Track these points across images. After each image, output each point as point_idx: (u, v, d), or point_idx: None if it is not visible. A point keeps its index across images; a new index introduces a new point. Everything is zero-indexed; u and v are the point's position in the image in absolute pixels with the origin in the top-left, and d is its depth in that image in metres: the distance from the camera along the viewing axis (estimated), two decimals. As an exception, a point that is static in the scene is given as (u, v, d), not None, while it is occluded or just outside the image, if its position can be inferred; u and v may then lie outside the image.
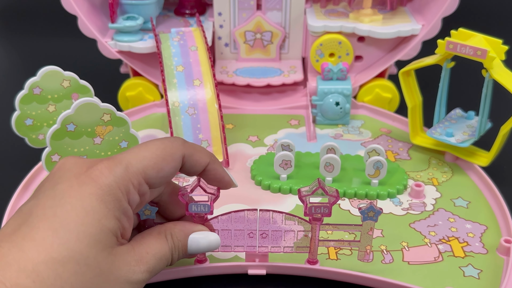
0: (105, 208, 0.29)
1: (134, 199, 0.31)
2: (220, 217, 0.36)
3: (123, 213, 0.31)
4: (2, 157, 0.55)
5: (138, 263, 0.31)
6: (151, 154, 0.32)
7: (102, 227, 0.29)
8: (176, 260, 0.34)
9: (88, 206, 0.29)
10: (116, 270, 0.30)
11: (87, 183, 0.30)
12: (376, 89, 0.59)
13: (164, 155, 0.32)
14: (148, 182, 0.32)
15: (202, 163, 0.34)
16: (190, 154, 0.34)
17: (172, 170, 0.33)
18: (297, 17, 0.61)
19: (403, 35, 0.56)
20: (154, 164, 0.32)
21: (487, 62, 0.45)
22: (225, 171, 0.36)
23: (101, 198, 0.29)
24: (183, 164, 0.34)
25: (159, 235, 0.33)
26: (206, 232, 0.35)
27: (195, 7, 0.64)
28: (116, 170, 0.30)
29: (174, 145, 0.33)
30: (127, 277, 0.30)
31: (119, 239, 0.31)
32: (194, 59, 0.53)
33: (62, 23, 0.65)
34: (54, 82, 0.45)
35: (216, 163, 0.35)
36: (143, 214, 0.36)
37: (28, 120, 0.46)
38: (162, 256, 0.33)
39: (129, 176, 0.31)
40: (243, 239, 0.37)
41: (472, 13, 0.75)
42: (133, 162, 0.31)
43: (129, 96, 0.60)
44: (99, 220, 0.29)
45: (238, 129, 0.57)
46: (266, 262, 0.39)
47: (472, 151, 0.51)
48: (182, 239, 0.34)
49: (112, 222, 0.30)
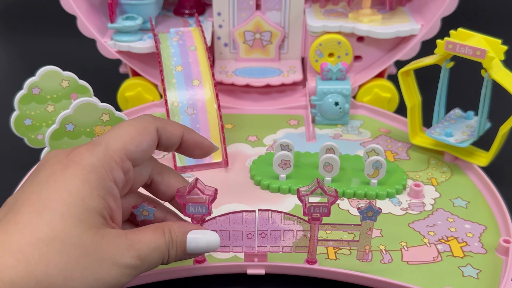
0: (88, 187, 0.30)
1: (119, 176, 0.32)
2: (218, 218, 0.36)
3: (108, 191, 0.31)
4: (1, 157, 0.55)
5: (128, 248, 0.31)
6: (127, 131, 0.33)
7: (86, 206, 0.29)
8: (173, 258, 0.34)
9: (71, 186, 0.29)
10: (102, 251, 0.29)
11: (69, 166, 0.30)
12: (375, 89, 0.59)
13: (139, 129, 0.33)
14: (130, 158, 0.32)
15: (177, 133, 0.35)
16: (163, 126, 0.34)
17: (150, 143, 0.33)
18: (296, 17, 0.61)
19: (402, 35, 0.56)
20: (132, 139, 0.32)
21: (486, 62, 0.45)
22: (202, 137, 0.36)
23: (84, 178, 0.30)
24: (160, 138, 0.34)
25: (156, 229, 0.33)
26: (205, 231, 0.35)
27: (194, 7, 0.64)
28: (97, 150, 0.31)
29: (146, 119, 0.34)
30: (114, 259, 0.30)
31: (107, 221, 0.31)
32: (193, 59, 0.53)
33: (61, 23, 0.65)
34: (53, 82, 0.45)
35: (191, 132, 0.36)
36: (141, 214, 0.35)
37: (27, 120, 0.46)
38: (157, 248, 0.32)
39: (110, 154, 0.31)
40: (241, 240, 0.37)
41: (471, 13, 0.75)
42: (111, 141, 0.32)
43: (128, 96, 0.60)
44: (82, 199, 0.29)
45: (237, 129, 0.57)
46: (265, 262, 0.39)
47: (471, 151, 0.51)
48: (180, 235, 0.34)
49: (96, 200, 0.30)
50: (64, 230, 0.28)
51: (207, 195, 0.35)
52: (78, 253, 0.28)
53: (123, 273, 0.30)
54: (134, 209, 0.35)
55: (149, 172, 0.36)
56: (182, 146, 0.36)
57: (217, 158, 0.51)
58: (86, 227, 0.29)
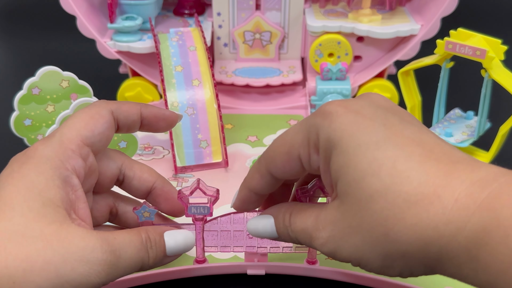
0: (43, 178, 0.29)
1: (78, 164, 0.31)
2: (220, 219, 0.36)
3: (64, 181, 0.30)
4: (1, 157, 0.54)
5: (100, 242, 0.29)
6: (79, 118, 0.32)
7: (45, 200, 0.29)
8: (154, 260, 0.32)
9: (28, 181, 0.29)
10: (68, 245, 0.28)
11: (25, 161, 0.30)
12: (375, 89, 0.59)
13: (91, 114, 0.32)
14: (87, 144, 0.32)
15: (134, 110, 0.34)
16: (117, 107, 0.34)
17: (106, 125, 0.33)
18: (296, 17, 0.61)
19: (402, 35, 0.56)
20: (86, 125, 0.32)
21: (486, 62, 0.45)
22: (162, 108, 0.36)
23: (39, 170, 0.29)
24: (117, 119, 0.34)
25: (130, 230, 0.32)
26: (180, 230, 0.34)
27: (194, 7, 0.64)
28: (51, 141, 0.31)
29: (98, 104, 0.33)
30: (81, 254, 0.28)
31: (70, 214, 0.30)
32: (193, 59, 0.53)
33: (61, 23, 0.65)
34: (53, 82, 0.45)
35: (149, 107, 0.35)
36: (142, 216, 0.35)
37: (27, 120, 0.46)
38: (132, 245, 0.30)
39: (66, 143, 0.31)
40: (242, 240, 0.37)
41: (471, 13, 0.75)
42: (65, 131, 0.31)
43: (128, 96, 0.60)
44: (39, 193, 0.29)
45: (237, 129, 0.57)
46: (265, 262, 0.39)
47: (471, 151, 0.51)
48: (157, 236, 0.33)
49: (53, 191, 0.29)
50: (25, 224, 0.28)
51: (210, 196, 0.35)
52: (39, 246, 0.27)
53: (93, 270, 0.28)
54: (135, 210, 0.35)
55: (119, 166, 0.35)
56: (144, 123, 0.35)
57: (217, 158, 0.51)
58: (48, 221, 0.28)
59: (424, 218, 0.24)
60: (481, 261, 0.23)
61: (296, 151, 0.30)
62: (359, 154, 0.26)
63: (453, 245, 0.24)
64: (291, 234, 0.32)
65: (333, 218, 0.28)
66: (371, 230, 0.26)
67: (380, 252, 0.26)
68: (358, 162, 0.26)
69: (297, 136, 0.30)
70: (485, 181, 0.24)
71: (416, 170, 0.25)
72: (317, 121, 0.29)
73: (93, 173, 0.33)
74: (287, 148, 0.30)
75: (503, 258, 0.22)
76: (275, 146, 0.32)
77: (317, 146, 0.29)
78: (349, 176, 0.27)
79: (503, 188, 0.24)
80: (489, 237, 0.23)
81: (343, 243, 0.28)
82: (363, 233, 0.27)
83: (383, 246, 0.26)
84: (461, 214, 0.24)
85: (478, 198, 0.24)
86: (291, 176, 0.32)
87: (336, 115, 0.28)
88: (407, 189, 0.25)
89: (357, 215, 0.27)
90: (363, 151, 0.26)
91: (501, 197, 0.23)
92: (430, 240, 0.24)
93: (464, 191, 0.24)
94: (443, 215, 0.24)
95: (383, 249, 0.26)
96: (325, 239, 0.29)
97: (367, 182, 0.26)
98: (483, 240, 0.23)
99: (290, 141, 0.30)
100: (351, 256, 0.28)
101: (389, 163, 0.26)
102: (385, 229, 0.26)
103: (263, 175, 0.32)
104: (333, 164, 0.28)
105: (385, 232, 0.26)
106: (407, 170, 0.25)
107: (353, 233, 0.27)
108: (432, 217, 0.24)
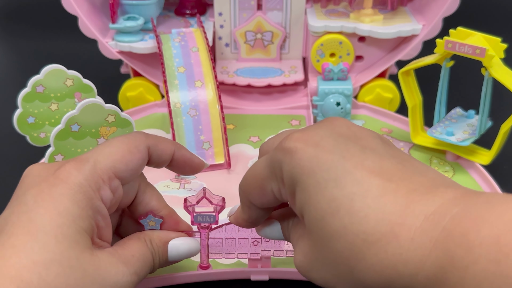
0: (77, 207, 0.29)
1: (107, 195, 0.31)
2: (226, 227, 0.37)
3: (96, 211, 0.30)
4: (3, 155, 0.54)
5: (125, 265, 0.30)
6: (117, 149, 0.32)
7: (78, 228, 0.29)
8: (157, 267, 0.34)
9: (60, 207, 0.29)
10: (103, 272, 0.29)
11: (56, 184, 0.29)
12: (377, 89, 0.60)
13: (130, 148, 0.32)
14: (118, 177, 0.32)
15: (168, 151, 0.35)
16: (155, 144, 0.34)
17: (140, 162, 0.33)
18: (298, 17, 0.61)
19: (404, 35, 0.57)
20: (122, 158, 0.32)
21: (486, 61, 0.45)
22: (193, 154, 0.36)
23: (72, 198, 0.29)
24: (150, 155, 0.34)
25: (139, 240, 0.33)
26: (185, 238, 0.35)
27: (195, 7, 0.64)
28: (85, 168, 0.30)
29: (137, 137, 0.33)
30: (116, 280, 0.29)
31: (94, 240, 0.30)
32: (196, 60, 0.53)
33: (63, 24, 0.65)
34: (58, 80, 0.45)
35: (182, 149, 0.36)
36: (147, 225, 0.35)
37: (30, 118, 0.45)
38: (146, 260, 0.32)
39: (98, 173, 0.31)
40: (247, 247, 0.37)
41: (473, 13, 0.75)
42: (100, 159, 0.31)
43: (130, 96, 0.60)
44: (73, 220, 0.29)
45: (239, 129, 0.57)
46: (268, 268, 0.39)
47: (473, 150, 0.51)
48: (161, 246, 0.34)
49: (87, 222, 0.29)
50: (60, 252, 0.27)
51: (215, 205, 0.35)
52: (78, 275, 0.28)
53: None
54: (141, 219, 0.35)
55: (135, 191, 0.35)
56: (173, 164, 0.36)
57: (220, 160, 0.51)
58: (82, 249, 0.28)
59: (383, 259, 0.24)
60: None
61: (269, 186, 0.30)
62: (318, 193, 0.26)
63: (415, 284, 0.24)
64: None
65: (304, 248, 0.29)
66: (336, 266, 0.27)
67: (348, 285, 0.27)
68: (318, 202, 0.26)
69: (265, 172, 0.30)
70: (439, 214, 0.24)
71: (372, 208, 0.25)
72: (279, 157, 0.29)
73: (118, 203, 0.33)
74: (259, 183, 0.30)
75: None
76: (248, 180, 0.32)
77: (283, 181, 0.29)
78: (311, 215, 0.27)
79: (455, 223, 0.23)
80: (446, 278, 0.23)
81: (313, 273, 0.29)
82: (329, 268, 0.27)
83: (348, 281, 0.26)
84: (417, 254, 0.24)
85: (432, 236, 0.24)
86: (272, 205, 0.32)
87: (295, 151, 0.28)
88: (365, 229, 0.25)
89: (322, 251, 0.27)
90: (322, 189, 0.26)
91: (453, 234, 0.23)
92: (391, 279, 0.25)
93: (419, 228, 0.24)
94: (400, 256, 0.24)
95: (350, 283, 0.26)
96: (299, 262, 0.30)
97: (327, 222, 0.26)
98: (441, 280, 0.23)
99: (260, 176, 0.30)
100: (323, 284, 0.29)
101: (346, 202, 0.26)
102: (349, 268, 0.26)
103: (249, 206, 0.33)
104: (297, 200, 0.28)
105: (349, 270, 0.26)
106: (364, 208, 0.25)
107: (321, 266, 0.28)
108: (390, 257, 0.24)
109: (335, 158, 0.27)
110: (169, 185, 0.49)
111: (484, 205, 0.23)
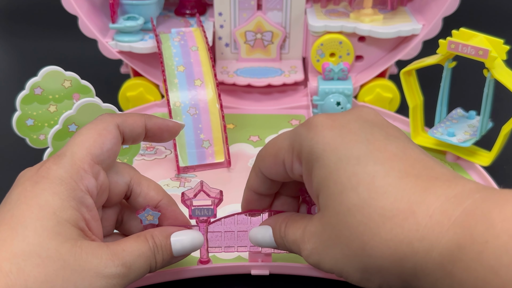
0: (58, 199, 0.29)
1: (92, 184, 0.31)
2: (224, 220, 0.36)
3: (79, 202, 0.30)
4: (3, 157, 0.54)
5: (111, 257, 0.30)
6: (88, 135, 0.32)
7: (59, 219, 0.29)
8: (161, 263, 0.34)
9: (42, 201, 0.29)
10: (83, 262, 0.29)
11: (38, 181, 0.30)
12: (377, 89, 0.59)
13: (99, 131, 0.33)
14: (97, 162, 0.32)
15: (139, 123, 0.35)
16: (123, 120, 0.34)
17: (114, 141, 0.33)
18: (298, 17, 0.61)
19: (404, 35, 0.56)
20: (94, 142, 0.32)
21: (488, 62, 0.45)
22: (165, 119, 0.36)
23: (53, 191, 0.30)
24: (123, 133, 0.34)
25: (137, 237, 0.33)
26: (187, 231, 0.35)
27: (195, 7, 0.64)
28: (63, 162, 0.31)
29: (104, 119, 0.34)
30: (97, 270, 0.29)
31: (86, 232, 0.30)
32: (195, 59, 0.53)
33: (63, 24, 0.65)
34: (55, 82, 0.45)
35: (153, 118, 0.35)
36: (145, 219, 0.35)
37: (29, 120, 0.46)
38: (141, 254, 0.32)
39: (78, 164, 0.31)
40: (246, 240, 0.37)
41: (473, 13, 0.75)
42: (75, 150, 0.32)
43: (130, 96, 0.60)
44: (53, 212, 0.29)
45: (239, 129, 0.57)
46: (269, 262, 0.39)
47: (473, 151, 0.51)
48: (163, 240, 0.34)
49: (69, 212, 0.30)
50: (40, 244, 0.28)
51: (213, 198, 0.35)
52: (57, 266, 0.28)
53: (109, 283, 0.30)
54: (139, 214, 0.35)
55: (127, 182, 0.35)
56: (148, 135, 0.36)
57: (220, 158, 0.51)
58: (62, 240, 0.29)
59: (399, 234, 0.25)
60: (456, 277, 0.23)
61: (282, 156, 0.31)
62: (339, 168, 0.27)
63: (428, 261, 0.24)
64: (286, 245, 0.33)
65: (316, 230, 0.29)
66: (349, 243, 0.27)
67: (358, 265, 0.27)
68: (338, 176, 0.27)
69: (285, 142, 0.31)
70: (460, 197, 0.25)
71: (393, 186, 0.26)
72: (302, 132, 0.29)
73: (104, 191, 0.33)
74: (275, 151, 0.31)
75: (477, 274, 0.23)
76: (267, 146, 0.33)
77: (299, 156, 0.30)
78: (330, 190, 0.27)
79: (477, 205, 0.24)
80: (463, 254, 0.23)
81: (325, 255, 0.29)
82: (341, 246, 0.27)
83: (360, 260, 0.27)
84: (435, 230, 0.24)
85: (452, 215, 0.24)
86: (278, 178, 0.33)
87: (321, 128, 0.28)
88: (383, 204, 0.25)
89: (336, 228, 0.27)
90: (344, 165, 0.27)
91: (474, 213, 0.23)
92: (404, 255, 0.25)
93: (439, 207, 0.24)
94: (417, 232, 0.24)
95: (360, 262, 0.27)
96: (309, 251, 0.30)
97: (346, 196, 0.26)
98: (457, 256, 0.23)
99: (279, 144, 0.31)
100: (333, 268, 0.29)
101: (367, 178, 0.26)
102: (362, 243, 0.26)
103: (257, 173, 0.34)
104: (315, 177, 0.28)
105: (362, 246, 0.26)
106: (384, 185, 0.26)
107: (333, 246, 0.28)
108: (406, 233, 0.25)
109: (360, 139, 0.28)
110: (169, 184, 0.49)
111: (505, 192, 0.24)
